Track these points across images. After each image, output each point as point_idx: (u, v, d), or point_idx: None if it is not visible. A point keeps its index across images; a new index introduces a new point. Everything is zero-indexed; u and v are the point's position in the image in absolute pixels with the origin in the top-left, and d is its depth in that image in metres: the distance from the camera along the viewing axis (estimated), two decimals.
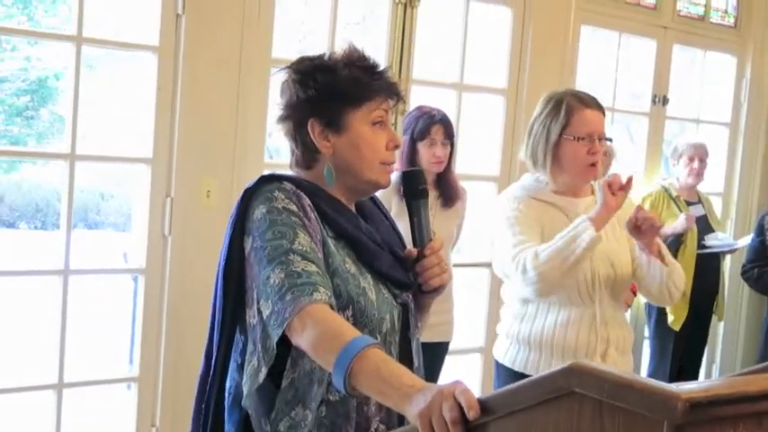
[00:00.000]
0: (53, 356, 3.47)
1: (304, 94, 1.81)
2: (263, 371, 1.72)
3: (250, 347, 1.76)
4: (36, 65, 12.07)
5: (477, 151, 5.05)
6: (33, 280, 4.11)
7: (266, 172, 1.93)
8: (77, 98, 3.39)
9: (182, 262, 3.59)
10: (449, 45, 4.48)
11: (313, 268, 1.67)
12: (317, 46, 4.23)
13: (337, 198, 1.85)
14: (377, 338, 1.74)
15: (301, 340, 1.63)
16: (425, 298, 1.94)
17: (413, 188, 1.94)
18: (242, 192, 1.81)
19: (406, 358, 1.85)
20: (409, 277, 1.88)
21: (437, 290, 1.91)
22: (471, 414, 1.32)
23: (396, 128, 3.61)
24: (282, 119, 1.85)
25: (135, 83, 3.69)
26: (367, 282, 1.80)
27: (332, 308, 1.65)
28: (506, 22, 4.56)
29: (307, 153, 1.85)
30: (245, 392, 1.76)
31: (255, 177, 1.85)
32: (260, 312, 1.71)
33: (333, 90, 1.80)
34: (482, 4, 4.46)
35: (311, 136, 1.81)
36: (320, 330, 1.60)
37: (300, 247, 1.69)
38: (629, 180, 2.69)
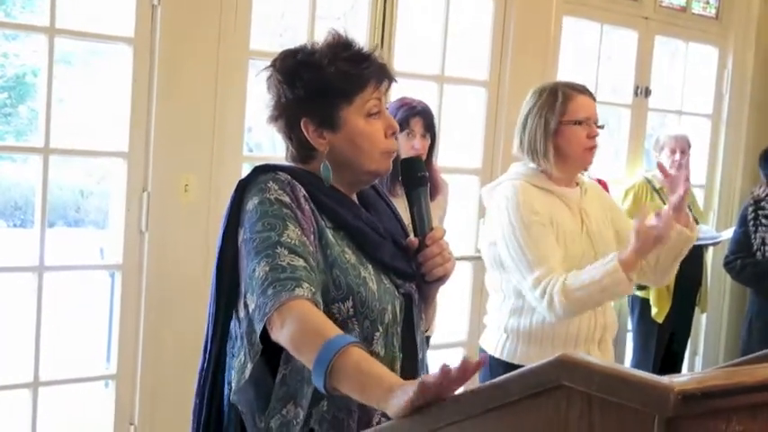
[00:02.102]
0: (28, 354, 3.40)
1: (292, 94, 1.76)
2: (249, 366, 1.69)
3: (238, 342, 1.73)
4: (14, 61, 11.95)
5: (459, 144, 5.01)
6: (8, 277, 4.04)
7: (253, 164, 1.87)
8: (51, 91, 3.32)
9: (159, 257, 3.53)
10: (430, 37, 4.43)
11: (299, 263, 1.63)
12: (297, 40, 4.17)
13: (337, 188, 1.81)
14: (378, 330, 1.73)
15: (281, 336, 1.58)
16: (429, 289, 1.89)
17: (412, 176, 1.88)
18: (236, 183, 1.78)
19: (409, 351, 1.82)
20: (412, 267, 1.83)
21: (440, 280, 1.85)
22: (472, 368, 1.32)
23: None
24: (273, 119, 1.81)
25: (110, 76, 3.62)
26: (368, 272, 1.75)
27: (316, 305, 1.61)
28: (488, 14, 4.52)
29: (302, 150, 1.81)
30: (233, 387, 1.73)
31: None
32: (246, 306, 1.67)
33: (321, 88, 1.75)
34: None
35: (305, 135, 1.77)
36: (300, 326, 1.56)
37: (289, 240, 1.65)
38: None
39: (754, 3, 5.69)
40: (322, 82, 1.75)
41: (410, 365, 1.80)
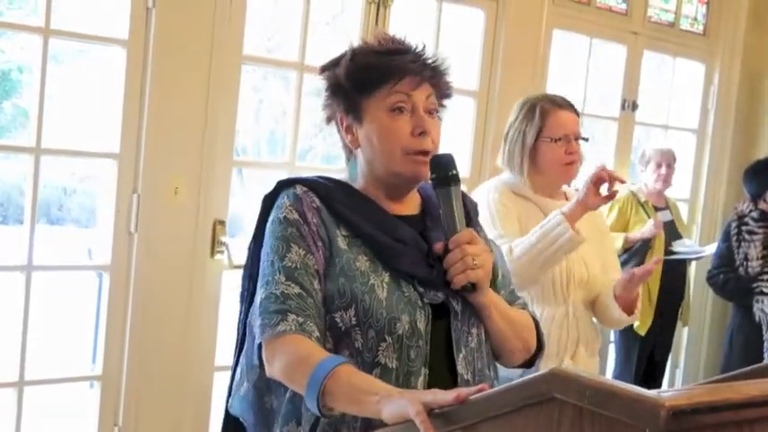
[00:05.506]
0: (14, 354, 3.39)
1: (327, 90, 1.81)
2: (245, 385, 1.75)
3: (242, 360, 1.78)
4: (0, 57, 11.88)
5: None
6: None
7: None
8: (43, 91, 3.32)
9: (148, 259, 3.53)
10: (421, 46, 4.44)
11: (293, 290, 1.65)
12: (286, 44, 4.19)
13: (367, 194, 1.78)
14: (385, 340, 1.65)
15: (273, 371, 1.63)
16: (471, 298, 1.74)
17: (441, 174, 1.74)
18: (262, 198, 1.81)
19: (440, 365, 1.69)
20: (432, 273, 1.71)
21: (473, 288, 1.70)
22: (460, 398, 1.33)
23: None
24: (326, 121, 1.85)
25: (103, 77, 3.62)
26: (380, 279, 1.68)
27: (306, 333, 1.62)
28: (479, 25, 4.55)
29: (345, 150, 1.84)
30: (232, 397, 1.77)
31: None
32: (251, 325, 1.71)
33: (342, 80, 1.76)
34: (455, 6, 4.44)
35: (342, 132, 1.81)
36: (288, 358, 1.60)
37: (290, 264, 1.67)
38: (614, 187, 2.67)
39: (740, 20, 5.75)
40: (342, 74, 1.76)
41: (442, 383, 1.57)
